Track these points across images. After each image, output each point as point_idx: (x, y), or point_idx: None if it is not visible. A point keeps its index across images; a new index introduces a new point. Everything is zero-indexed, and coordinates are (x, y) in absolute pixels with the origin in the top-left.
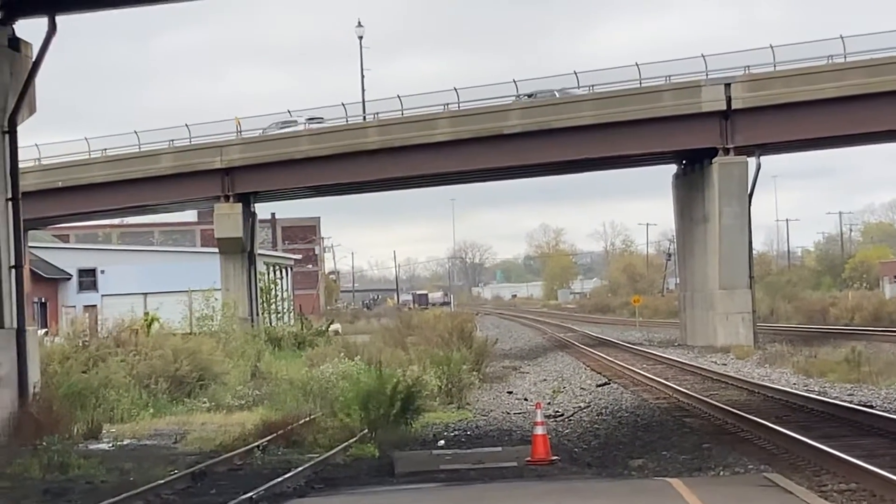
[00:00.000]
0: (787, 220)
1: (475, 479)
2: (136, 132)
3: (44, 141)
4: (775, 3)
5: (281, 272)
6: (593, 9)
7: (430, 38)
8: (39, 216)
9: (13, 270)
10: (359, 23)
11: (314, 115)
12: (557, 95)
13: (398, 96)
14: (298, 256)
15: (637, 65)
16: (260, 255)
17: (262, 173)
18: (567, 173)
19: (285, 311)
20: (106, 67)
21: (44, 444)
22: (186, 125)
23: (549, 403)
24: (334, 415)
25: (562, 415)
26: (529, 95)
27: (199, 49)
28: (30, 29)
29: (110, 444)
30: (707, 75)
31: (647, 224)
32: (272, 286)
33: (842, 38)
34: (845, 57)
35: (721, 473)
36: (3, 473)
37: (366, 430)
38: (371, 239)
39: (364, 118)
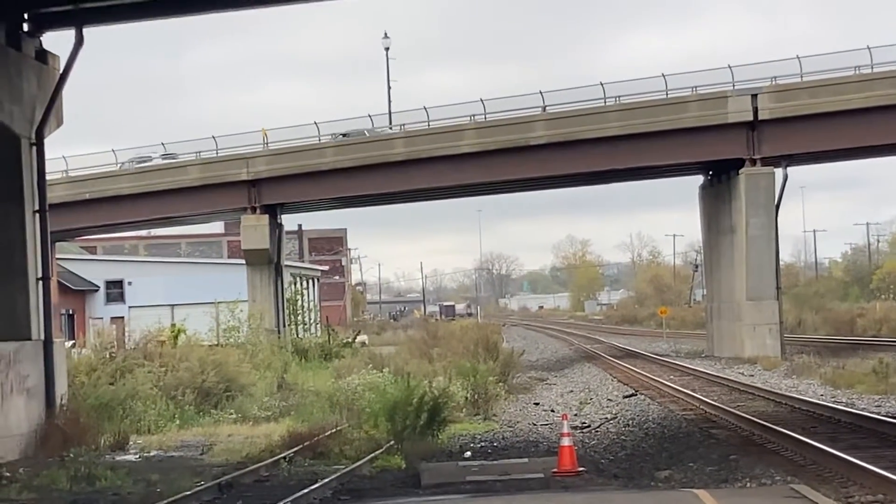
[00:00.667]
0: (814, 230)
1: (501, 490)
2: (163, 144)
3: (71, 153)
4: (803, 14)
5: (307, 283)
6: (620, 21)
7: (456, 50)
8: (67, 228)
9: (40, 282)
10: (385, 34)
11: (341, 127)
12: (367, 135)
13: (424, 108)
14: (325, 268)
15: (663, 75)
16: (287, 266)
17: (289, 185)
18: (593, 184)
19: (312, 322)
20: (136, 81)
21: (71, 455)
22: (213, 137)
23: (575, 415)
24: (360, 426)
25: (588, 426)
26: (344, 134)
27: (228, 62)
28: (57, 41)
29: (137, 456)
30: (734, 86)
31: (674, 235)
32: (299, 297)
33: (869, 48)
34: (872, 67)
35: (748, 485)
36: (31, 485)
37: (392, 442)
38: (398, 250)
39: (390, 129)
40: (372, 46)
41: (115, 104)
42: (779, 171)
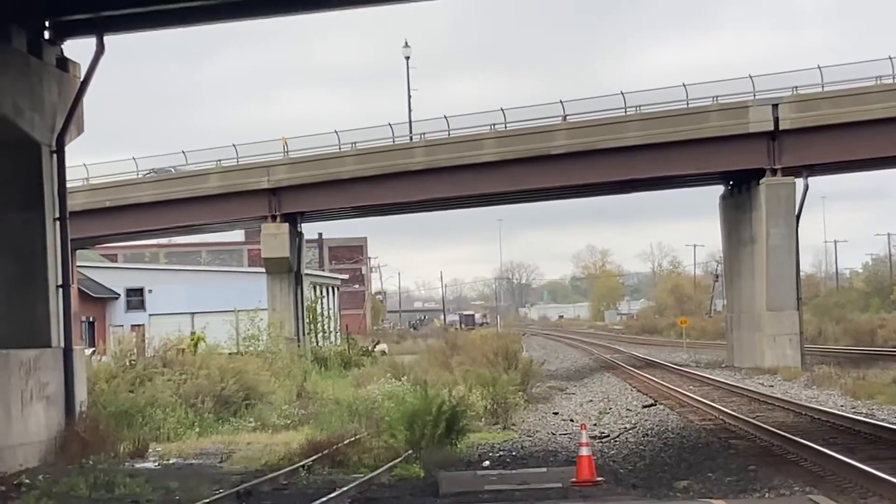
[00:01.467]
0: (835, 241)
1: (520, 499)
2: (183, 152)
3: (92, 161)
4: (822, 26)
5: (327, 292)
6: (641, 31)
7: (477, 60)
8: (87, 235)
9: (61, 289)
10: (405, 43)
11: (361, 136)
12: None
13: (444, 117)
14: (345, 276)
15: (684, 85)
16: (307, 274)
17: (309, 193)
18: (614, 194)
19: (331, 330)
20: (158, 89)
21: (90, 462)
22: (234, 145)
23: (594, 424)
24: (379, 435)
25: (607, 436)
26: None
27: (249, 71)
28: (78, 49)
29: (156, 463)
30: (755, 96)
31: (695, 245)
32: (318, 306)
33: (890, 58)
34: (894, 77)
35: (766, 496)
36: (50, 492)
37: (411, 451)
38: (418, 259)
39: (410, 138)
40: (392, 55)
41: (136, 113)
42: (799, 182)
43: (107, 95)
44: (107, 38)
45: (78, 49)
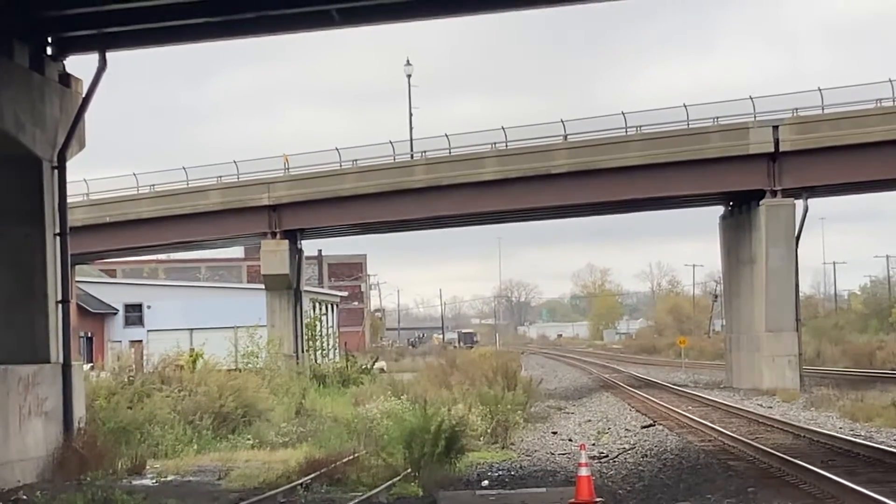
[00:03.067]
0: (834, 262)
1: None
2: (184, 168)
3: (93, 176)
4: (822, 48)
5: (326, 309)
6: (641, 51)
7: (478, 80)
8: (87, 251)
9: (60, 305)
10: (407, 61)
11: (362, 153)
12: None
13: (446, 135)
14: (344, 293)
15: (685, 106)
16: (306, 291)
17: (309, 210)
18: (614, 213)
19: (331, 348)
20: (160, 106)
21: (88, 479)
22: (234, 161)
23: (593, 444)
24: (378, 453)
25: (606, 456)
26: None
27: (251, 89)
28: (80, 65)
29: (154, 480)
30: (755, 117)
31: (694, 265)
32: (317, 323)
33: (891, 81)
34: (894, 100)
35: None
36: None
37: (409, 469)
38: (417, 277)
39: (411, 156)
40: (394, 74)
41: (138, 129)
42: (799, 203)
43: (109, 112)
44: (109, 55)
45: (80, 65)
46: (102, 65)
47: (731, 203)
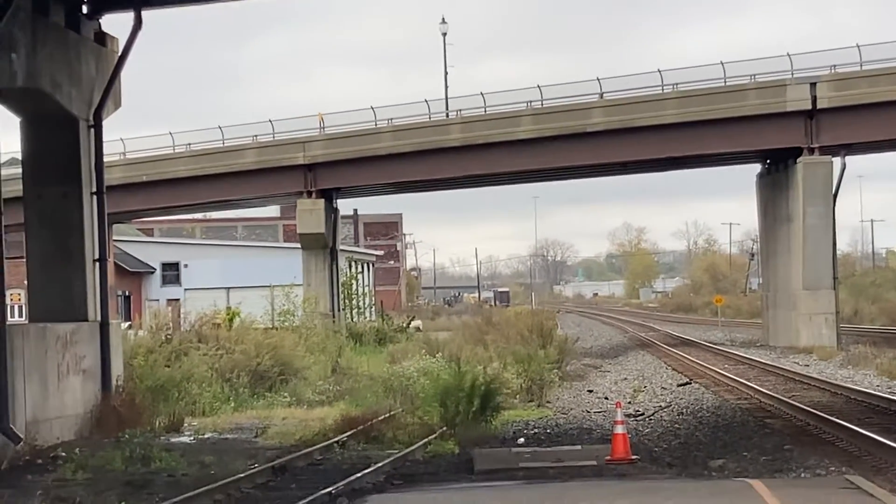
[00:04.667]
0: (871, 220)
1: (554, 477)
2: (220, 127)
3: (129, 135)
4: (858, 5)
5: (362, 268)
6: (678, 10)
7: (513, 40)
8: (124, 210)
9: (97, 264)
10: (443, 19)
11: (397, 112)
12: None
13: (481, 93)
14: (380, 253)
15: (722, 63)
16: (342, 250)
17: (345, 169)
18: (650, 172)
19: (367, 306)
20: (196, 68)
21: (126, 436)
22: (270, 121)
23: (629, 402)
24: (414, 411)
25: (642, 414)
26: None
27: (287, 51)
28: (116, 24)
29: (191, 438)
30: (792, 74)
31: (731, 223)
32: (353, 282)
33: None
34: None
35: (802, 475)
36: (86, 465)
37: (445, 427)
38: (453, 236)
39: (447, 115)
40: (429, 35)
41: (174, 91)
42: (837, 161)
43: (145, 72)
44: (145, 14)
45: (116, 24)
46: (138, 24)
47: (768, 161)
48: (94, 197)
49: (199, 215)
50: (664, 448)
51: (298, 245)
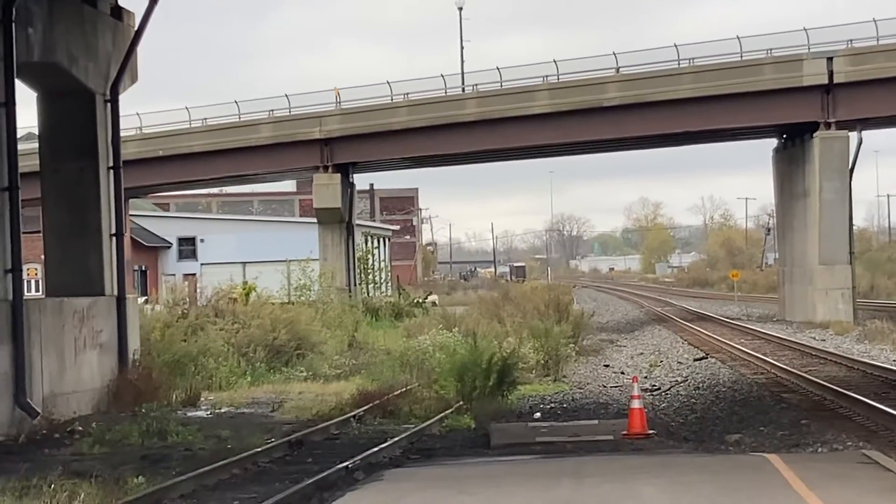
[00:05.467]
0: (888, 195)
1: (571, 452)
2: (236, 102)
3: (145, 110)
4: None
5: (378, 243)
6: None
7: (528, 16)
8: (140, 185)
9: (114, 238)
10: None
11: (413, 87)
12: None
13: (497, 68)
14: (396, 227)
15: (738, 38)
16: (358, 225)
17: (361, 144)
18: (666, 146)
19: (383, 281)
20: (212, 45)
21: (143, 410)
22: (286, 95)
23: (645, 377)
24: (430, 386)
25: (658, 388)
26: None
27: (302, 27)
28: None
29: (208, 412)
30: (809, 49)
31: (747, 198)
32: (370, 256)
33: None
34: None
35: (819, 450)
36: (103, 439)
37: (462, 402)
38: (468, 211)
39: (462, 90)
40: (445, 11)
41: (190, 67)
42: (853, 135)
43: (161, 47)
44: None
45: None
46: None
47: (784, 136)
48: (111, 171)
49: (215, 190)
50: (681, 423)
51: (314, 220)
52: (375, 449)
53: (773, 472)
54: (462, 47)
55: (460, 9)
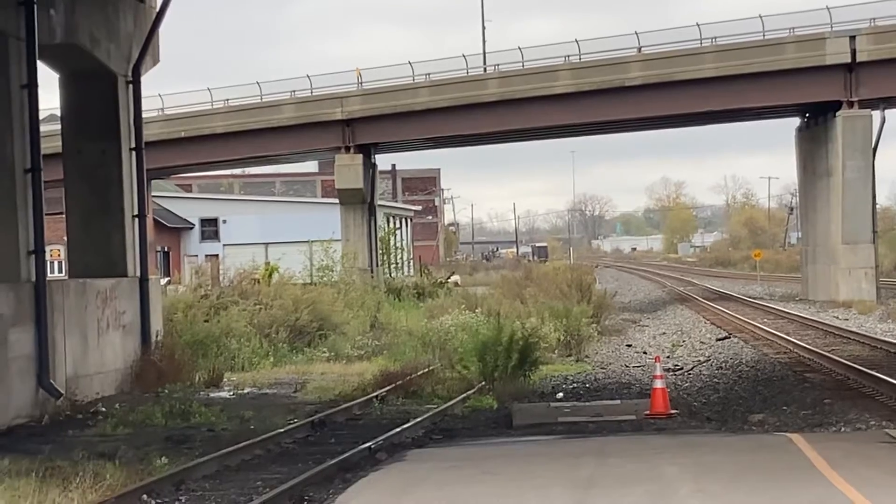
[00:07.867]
0: None
1: (593, 432)
2: (258, 83)
3: (167, 91)
4: None
5: (401, 223)
6: None
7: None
8: (162, 166)
9: (136, 219)
10: None
11: (434, 67)
12: None
13: (518, 48)
14: (418, 208)
15: (760, 17)
16: (380, 206)
17: (383, 124)
18: (688, 126)
19: (405, 262)
20: (236, 24)
21: (166, 391)
22: (308, 76)
23: (668, 357)
24: (453, 366)
25: (681, 368)
26: None
27: (326, 7)
28: None
29: (231, 393)
30: (832, 27)
31: (769, 178)
32: (392, 237)
33: None
34: None
35: (842, 430)
36: (126, 420)
37: (484, 382)
38: (490, 191)
39: (484, 70)
40: None
41: (212, 49)
42: (876, 114)
43: (183, 29)
44: None
45: None
46: None
47: (807, 115)
48: (133, 153)
49: (237, 171)
50: (703, 402)
51: (336, 200)
52: (398, 429)
53: (797, 452)
54: (483, 27)
55: None
